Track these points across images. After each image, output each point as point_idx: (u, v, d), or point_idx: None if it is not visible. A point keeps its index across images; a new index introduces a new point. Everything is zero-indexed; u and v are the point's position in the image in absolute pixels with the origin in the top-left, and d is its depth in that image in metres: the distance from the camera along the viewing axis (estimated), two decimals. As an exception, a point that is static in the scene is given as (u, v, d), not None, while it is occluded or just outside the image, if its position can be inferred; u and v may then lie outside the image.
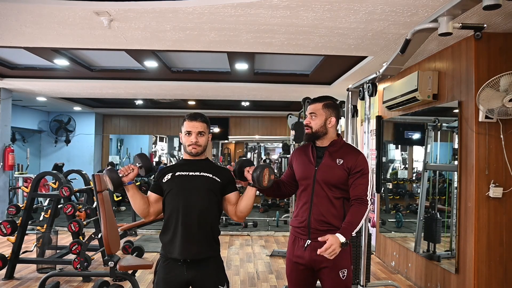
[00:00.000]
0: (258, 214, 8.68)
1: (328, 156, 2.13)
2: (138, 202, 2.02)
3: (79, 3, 2.99)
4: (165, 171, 2.06)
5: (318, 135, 2.16)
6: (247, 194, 2.04)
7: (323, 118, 2.15)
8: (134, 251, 4.74)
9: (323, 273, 2.10)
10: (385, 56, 4.16)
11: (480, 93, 3.08)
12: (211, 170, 2.04)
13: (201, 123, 2.04)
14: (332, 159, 2.11)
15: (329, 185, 2.09)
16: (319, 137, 2.16)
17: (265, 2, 2.84)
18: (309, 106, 2.21)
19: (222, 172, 2.07)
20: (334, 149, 2.15)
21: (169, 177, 2.02)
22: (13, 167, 6.83)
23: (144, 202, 2.03)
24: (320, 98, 2.21)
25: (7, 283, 4.09)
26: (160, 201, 2.05)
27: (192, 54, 4.77)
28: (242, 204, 2.05)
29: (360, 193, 2.06)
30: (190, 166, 2.04)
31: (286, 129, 10.06)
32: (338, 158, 2.11)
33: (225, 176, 2.07)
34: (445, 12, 2.30)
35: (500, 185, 3.23)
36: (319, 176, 2.11)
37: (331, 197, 2.09)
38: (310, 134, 2.16)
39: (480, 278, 3.23)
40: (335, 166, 2.09)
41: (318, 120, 2.15)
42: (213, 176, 2.02)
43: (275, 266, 4.93)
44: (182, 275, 1.95)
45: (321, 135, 2.16)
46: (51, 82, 6.27)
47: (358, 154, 2.14)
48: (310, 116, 2.17)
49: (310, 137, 2.17)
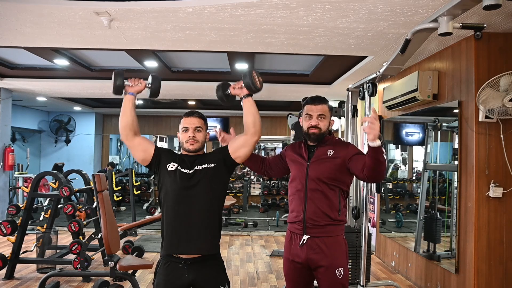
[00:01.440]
0: (258, 214, 8.68)
1: (319, 150, 2.18)
2: (129, 115, 1.99)
3: (79, 3, 2.99)
4: (173, 157, 2.01)
5: (324, 136, 2.20)
6: (247, 106, 2.00)
7: (329, 120, 2.21)
8: (134, 251, 4.74)
9: (320, 272, 2.11)
10: (385, 56, 4.17)
11: (480, 93, 3.08)
12: (205, 161, 2.00)
13: (198, 118, 2.03)
14: (323, 152, 2.16)
15: (322, 179, 2.12)
16: (323, 137, 2.20)
17: (265, 2, 2.84)
18: (315, 106, 2.19)
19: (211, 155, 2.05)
20: (324, 144, 2.20)
21: (173, 168, 1.98)
22: (13, 167, 6.83)
23: (134, 121, 2.00)
24: (323, 99, 2.24)
25: (7, 283, 4.09)
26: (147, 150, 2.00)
27: (192, 54, 4.77)
28: (248, 119, 1.99)
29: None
30: (191, 163, 2.00)
31: (286, 129, 10.06)
32: (328, 150, 2.16)
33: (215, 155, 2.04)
34: (445, 12, 2.30)
35: (500, 185, 3.23)
36: (311, 172, 2.14)
37: (325, 191, 2.12)
38: (318, 134, 2.18)
39: (480, 278, 3.23)
40: (326, 158, 2.14)
41: (326, 122, 2.20)
42: (208, 165, 1.98)
43: (275, 266, 4.93)
44: (183, 277, 1.93)
45: (325, 135, 2.21)
46: (51, 82, 6.28)
47: (348, 144, 2.25)
48: (319, 117, 2.18)
49: (318, 138, 2.19)
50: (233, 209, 8.48)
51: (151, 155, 2.01)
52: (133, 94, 2.03)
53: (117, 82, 2.01)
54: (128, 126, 2.00)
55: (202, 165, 1.98)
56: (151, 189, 10.03)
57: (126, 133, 2.00)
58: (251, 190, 10.24)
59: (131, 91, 2.03)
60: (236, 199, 9.06)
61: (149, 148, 2.02)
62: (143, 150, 2.02)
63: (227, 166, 2.03)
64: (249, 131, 2.00)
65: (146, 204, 9.16)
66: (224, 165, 2.02)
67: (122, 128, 2.01)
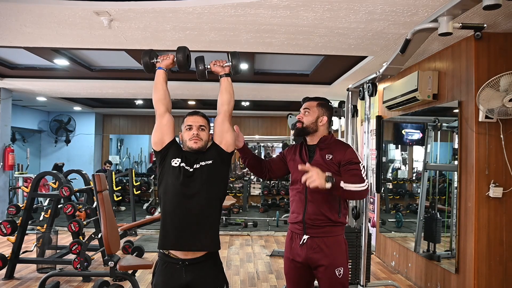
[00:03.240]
0: (258, 214, 8.67)
1: (318, 153, 2.18)
2: (160, 89, 2.05)
3: (79, 3, 2.99)
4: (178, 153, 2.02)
5: (308, 131, 2.21)
6: (225, 85, 2.07)
7: (315, 116, 2.21)
8: (134, 251, 4.74)
9: (320, 272, 2.11)
10: (385, 56, 4.17)
11: (480, 93, 3.08)
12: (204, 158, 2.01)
13: (202, 118, 2.06)
14: (322, 157, 2.16)
15: None
16: (308, 133, 2.21)
17: (265, 2, 2.84)
18: (304, 103, 2.28)
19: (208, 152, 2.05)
20: (324, 146, 2.19)
21: (177, 164, 1.98)
22: (13, 167, 6.83)
23: (166, 96, 2.06)
24: (316, 97, 2.29)
25: (7, 283, 4.09)
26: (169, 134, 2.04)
27: (192, 54, 4.76)
28: (225, 97, 2.06)
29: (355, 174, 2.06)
30: (193, 161, 1.99)
31: (286, 129, 10.08)
32: (327, 154, 2.16)
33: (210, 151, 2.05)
34: (445, 12, 2.30)
35: (500, 185, 3.23)
36: None
37: (325, 193, 2.09)
38: (300, 128, 2.23)
39: (480, 278, 3.23)
40: (325, 164, 2.13)
41: (311, 117, 2.21)
42: (205, 162, 1.99)
43: (275, 266, 4.93)
44: (181, 278, 1.91)
45: (311, 132, 2.21)
46: (51, 82, 6.28)
47: (347, 147, 2.19)
48: (304, 112, 2.23)
49: (300, 132, 2.23)
50: (233, 209, 8.48)
51: (165, 143, 2.03)
52: (162, 69, 2.09)
53: (144, 62, 2.08)
54: (161, 100, 2.05)
55: (202, 162, 1.99)
56: (151, 189, 10.03)
57: (158, 106, 2.05)
58: (251, 190, 10.24)
59: (161, 66, 2.09)
60: (236, 199, 9.06)
61: (168, 135, 2.04)
62: (164, 133, 2.04)
63: (222, 159, 2.04)
64: (222, 108, 2.05)
65: (146, 204, 9.17)
66: (220, 159, 2.03)
67: (155, 102, 2.06)
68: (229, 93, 2.07)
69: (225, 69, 2.10)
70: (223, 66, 2.10)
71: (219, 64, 2.11)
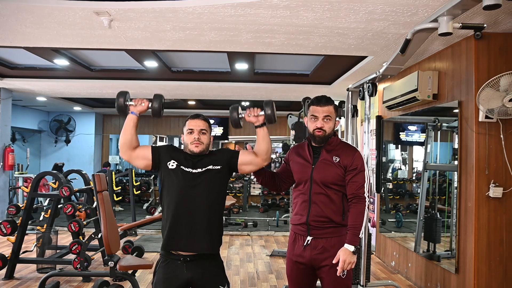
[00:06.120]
0: (258, 214, 8.68)
1: (325, 154, 2.15)
2: (128, 134, 2.03)
3: (79, 3, 2.99)
4: (172, 154, 2.04)
5: (329, 138, 2.15)
6: (262, 135, 2.08)
7: (334, 121, 2.16)
8: (134, 251, 4.74)
9: (324, 272, 2.10)
10: (385, 56, 4.17)
11: (480, 93, 3.08)
12: (210, 161, 2.03)
13: (204, 121, 2.07)
14: (329, 157, 2.13)
15: (326, 183, 2.10)
16: (328, 139, 2.15)
17: (265, 2, 2.84)
18: (321, 108, 2.13)
19: (218, 155, 2.07)
20: (330, 148, 2.16)
21: (173, 166, 2.00)
22: (13, 167, 6.83)
23: (133, 139, 2.03)
24: (329, 99, 2.17)
25: (7, 283, 4.09)
26: (146, 157, 2.04)
27: (192, 54, 4.77)
28: (263, 147, 2.07)
29: (357, 191, 2.07)
30: (195, 163, 2.01)
31: (286, 129, 10.06)
32: (334, 156, 2.13)
33: (221, 157, 2.06)
34: (445, 12, 2.31)
35: (500, 185, 3.23)
36: (316, 175, 2.12)
37: (330, 194, 2.10)
38: (323, 137, 2.13)
39: (480, 278, 3.23)
40: (331, 164, 2.11)
41: (332, 124, 2.15)
42: (213, 166, 2.01)
43: (275, 266, 4.93)
44: (182, 274, 1.94)
45: (330, 137, 2.16)
46: (51, 82, 6.28)
47: (354, 151, 2.16)
48: (324, 119, 2.12)
49: (323, 140, 2.14)
50: (233, 209, 8.48)
51: (150, 159, 2.04)
52: (135, 114, 2.05)
53: (118, 103, 2.04)
54: (127, 145, 2.03)
55: (208, 165, 2.01)
56: (151, 189, 10.03)
57: (124, 150, 2.04)
58: (251, 190, 10.23)
59: (133, 111, 2.05)
60: (236, 199, 9.06)
61: (147, 154, 2.05)
62: (142, 158, 2.05)
63: (230, 170, 2.09)
64: (261, 156, 2.08)
65: (146, 204, 9.16)
66: (228, 168, 2.07)
67: (121, 145, 2.04)
68: (267, 143, 2.08)
69: (259, 119, 2.08)
70: (257, 115, 2.09)
71: (253, 114, 2.09)
